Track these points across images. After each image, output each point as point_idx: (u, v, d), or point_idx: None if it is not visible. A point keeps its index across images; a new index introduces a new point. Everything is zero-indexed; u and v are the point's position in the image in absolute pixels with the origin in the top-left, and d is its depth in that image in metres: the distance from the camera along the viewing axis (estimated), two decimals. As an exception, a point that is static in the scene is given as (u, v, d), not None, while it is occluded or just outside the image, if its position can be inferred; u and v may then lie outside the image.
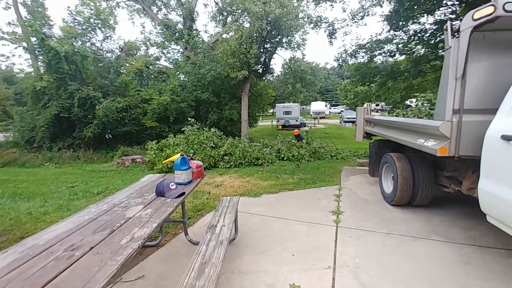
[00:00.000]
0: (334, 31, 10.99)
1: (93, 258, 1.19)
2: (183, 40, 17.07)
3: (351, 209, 3.74)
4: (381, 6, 9.90)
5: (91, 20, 15.89)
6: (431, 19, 9.05)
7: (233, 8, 16.47)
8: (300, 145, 8.58)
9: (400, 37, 9.84)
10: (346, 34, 11.16)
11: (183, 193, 2.14)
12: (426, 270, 2.28)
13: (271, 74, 18.90)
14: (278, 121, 24.54)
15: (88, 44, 16.18)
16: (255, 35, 12.44)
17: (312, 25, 12.93)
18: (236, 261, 2.49)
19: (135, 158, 9.59)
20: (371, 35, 10.34)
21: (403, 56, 10.49)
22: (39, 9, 16.08)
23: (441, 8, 8.69)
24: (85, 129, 12.84)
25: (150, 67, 18.35)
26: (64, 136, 13.33)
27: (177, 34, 17.35)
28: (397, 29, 9.36)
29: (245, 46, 12.37)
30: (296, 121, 23.49)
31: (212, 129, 8.55)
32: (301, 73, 16.49)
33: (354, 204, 3.92)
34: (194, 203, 4.04)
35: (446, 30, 2.46)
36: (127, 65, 17.23)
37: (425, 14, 8.89)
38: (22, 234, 3.14)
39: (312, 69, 24.53)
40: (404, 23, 9.03)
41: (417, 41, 9.37)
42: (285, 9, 11.83)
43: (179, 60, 18.40)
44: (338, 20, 10.93)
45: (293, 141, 9.40)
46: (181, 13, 17.78)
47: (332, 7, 11.18)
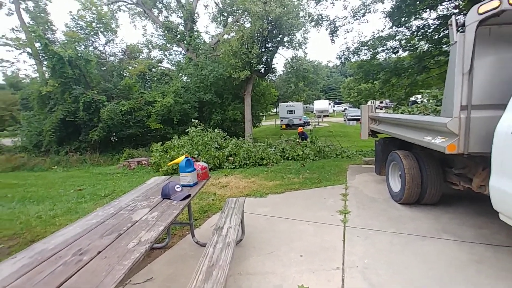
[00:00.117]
0: (336, 29, 10.91)
1: (101, 262, 1.19)
2: (185, 42, 17.14)
3: (358, 208, 3.70)
4: (383, 3, 9.80)
5: (93, 24, 16.07)
6: (433, 14, 8.94)
7: (233, 8, 16.48)
8: (305, 144, 8.55)
9: (403, 33, 9.73)
10: (348, 32, 11.06)
11: (189, 195, 2.14)
12: (436, 270, 2.24)
13: (274, 74, 18.88)
14: (281, 121, 24.49)
15: (91, 48, 16.37)
16: (256, 35, 12.43)
17: (313, 23, 12.86)
18: (243, 262, 2.48)
19: (141, 160, 9.65)
20: (373, 32, 10.26)
21: (406, 53, 10.38)
22: (41, 14, 16.30)
23: (444, 3, 8.56)
24: (90, 132, 12.97)
25: (153, 69, 18.48)
26: (70, 140, 13.50)
27: (179, 36, 17.43)
28: (399, 25, 9.26)
29: (246, 46, 12.37)
30: (300, 120, 23.42)
31: (216, 130, 8.56)
32: (303, 72, 16.45)
33: (361, 203, 3.88)
34: (200, 205, 4.04)
35: (451, 25, 2.41)
36: (130, 68, 17.38)
37: (427, 10, 8.78)
38: (32, 238, 3.18)
39: (315, 67, 24.46)
40: (406, 19, 8.93)
41: (420, 37, 9.25)
42: (285, 8, 11.79)
43: (181, 61, 18.49)
44: (339, 18, 10.85)
45: (297, 140, 9.37)
46: (181, 15, 17.85)
47: (333, 5, 11.10)
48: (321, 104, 37.59)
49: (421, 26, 8.88)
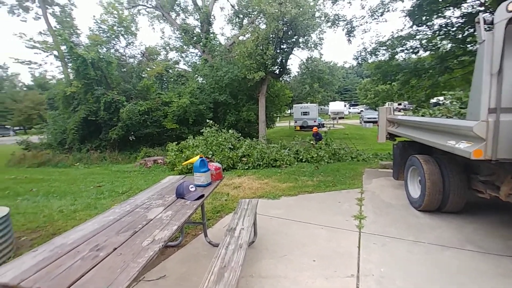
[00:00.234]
0: (353, 29, 10.69)
1: (116, 259, 1.21)
2: (201, 43, 17.43)
3: (374, 213, 3.58)
4: (402, 1, 9.52)
5: (115, 27, 16.69)
6: (457, 13, 8.54)
7: (249, 10, 16.57)
8: (319, 146, 8.41)
9: (424, 32, 9.36)
10: (365, 32, 10.80)
11: (202, 195, 2.15)
12: (458, 283, 2.12)
13: (288, 75, 18.74)
14: (296, 122, 24.28)
15: (112, 50, 17.02)
16: (271, 36, 12.41)
17: (329, 23, 12.69)
18: (256, 264, 2.46)
19: (157, 159, 9.89)
20: (392, 32, 9.93)
21: (427, 53, 9.97)
22: (67, 19, 17.16)
23: (468, 0, 8.16)
24: (110, 131, 13.46)
25: (170, 70, 18.93)
26: (91, 138, 14.08)
27: (195, 38, 17.75)
28: (420, 24, 8.92)
29: (261, 47, 12.38)
30: (314, 121, 23.11)
31: (230, 130, 8.62)
32: (318, 73, 16.23)
33: (377, 209, 3.75)
34: (213, 205, 4.07)
35: (478, 23, 2.28)
36: (148, 69, 17.90)
37: (450, 7, 8.39)
38: (54, 231, 3.33)
39: (330, 68, 24.03)
40: (428, 17, 8.59)
41: (443, 36, 8.86)
42: (301, 8, 11.69)
43: (197, 63, 18.81)
44: (356, 18, 10.63)
45: (311, 142, 9.24)
46: (198, 17, 18.18)
47: (350, 5, 11.00)
48: (336, 106, 36.92)
49: (443, 25, 8.50)
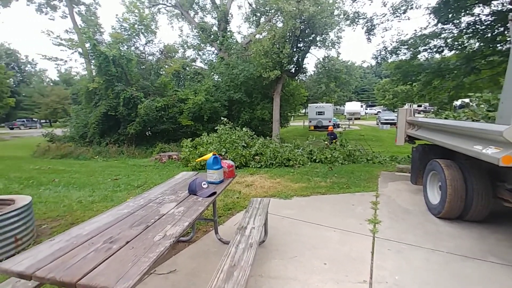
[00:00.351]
0: (373, 27, 10.35)
1: (128, 252, 1.23)
2: (218, 41, 17.57)
3: (390, 218, 3.46)
4: (427, -2, 9.07)
5: (136, 26, 17.17)
6: (486, 10, 8.04)
7: (266, 8, 16.47)
8: (334, 147, 8.25)
9: (449, 30, 8.90)
10: (386, 30, 10.43)
11: (214, 193, 2.16)
12: (481, 296, 2.00)
13: (304, 74, 18.51)
14: (310, 122, 23.95)
15: (132, 48, 17.53)
16: (288, 34, 12.27)
17: (348, 22, 12.36)
18: (265, 264, 2.44)
19: (171, 154, 10.09)
20: (415, 30, 9.51)
21: (452, 52, 9.48)
22: (92, 17, 17.84)
23: None
24: (128, 126, 13.90)
25: (187, 68, 19.24)
26: (111, 132, 14.61)
27: (212, 36, 17.92)
28: (446, 22, 8.49)
29: (278, 46, 12.27)
30: (329, 121, 22.69)
31: (244, 128, 8.63)
32: (335, 72, 15.90)
33: (393, 214, 3.62)
34: (224, 202, 4.09)
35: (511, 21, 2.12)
36: (166, 67, 18.28)
37: (480, 4, 7.92)
38: (72, 220, 3.47)
39: (347, 68, 23.49)
40: (454, 15, 8.15)
41: (471, 35, 8.38)
42: (319, 6, 11.47)
43: (214, 61, 18.99)
44: (377, 15, 10.28)
45: (325, 142, 9.09)
46: (216, 15, 18.33)
47: (371, 2, 10.55)
48: (352, 106, 36.09)
49: (471, 23, 8.04)
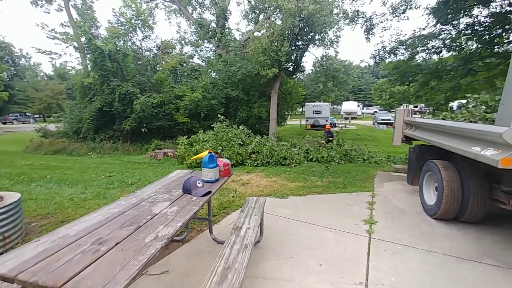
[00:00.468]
0: (372, 26, 10.31)
1: (117, 255, 1.18)
2: (216, 38, 17.40)
3: (386, 219, 3.44)
4: (427, -3, 9.06)
5: (132, 20, 16.91)
6: (485, 12, 8.06)
7: (265, 5, 16.33)
8: (331, 146, 8.24)
9: (448, 31, 8.91)
10: (385, 30, 10.38)
11: (209, 192, 2.11)
12: (477, 299, 1.98)
13: (302, 73, 18.44)
14: (307, 121, 23.94)
15: (129, 43, 17.27)
16: (287, 32, 12.19)
17: (347, 20, 12.31)
18: (260, 265, 2.40)
19: (167, 152, 9.99)
20: (414, 30, 9.50)
21: (450, 53, 9.51)
22: (88, 11, 17.52)
23: (497, 0, 7.70)
24: (123, 122, 13.72)
25: (184, 64, 19.03)
26: (105, 128, 14.41)
27: (210, 32, 17.73)
28: (445, 23, 8.49)
29: (276, 43, 12.19)
30: (326, 120, 22.72)
31: (240, 126, 8.57)
32: (333, 72, 15.88)
33: (389, 214, 3.60)
34: (220, 201, 4.03)
35: None
36: (163, 63, 18.07)
37: (479, 6, 7.93)
38: (63, 218, 3.39)
39: (345, 67, 23.49)
40: (453, 15, 8.16)
41: (469, 36, 8.40)
42: (319, 4, 11.40)
43: (211, 58, 18.82)
44: (376, 15, 10.23)
45: (322, 141, 9.07)
46: (214, 12, 18.13)
47: (371, 1, 10.51)
48: (349, 106, 36.19)
49: (470, 24, 8.05)
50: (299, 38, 13.20)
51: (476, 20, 8.00)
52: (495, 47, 8.09)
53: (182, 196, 2.03)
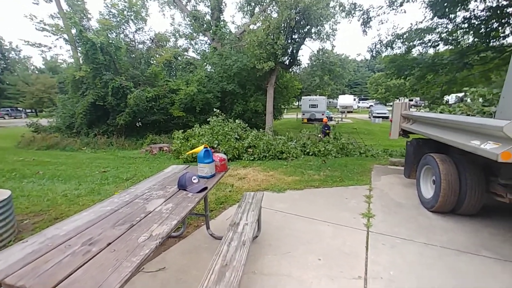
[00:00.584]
0: (369, 19, 10.20)
1: (109, 256, 1.12)
2: (211, 31, 17.08)
3: (383, 212, 3.44)
4: (425, -10, 8.95)
5: (125, 12, 16.47)
6: (481, 6, 8.01)
7: (261, -3, 16.05)
8: (327, 140, 8.23)
9: (445, 25, 8.85)
10: (382, 23, 10.28)
11: (205, 188, 2.05)
12: (475, 292, 1.99)
13: (298, 66, 18.29)
14: (303, 114, 23.91)
15: (121, 35, 16.85)
16: (283, 25, 12.01)
17: (344, 13, 12.19)
18: (259, 260, 2.37)
19: (162, 146, 9.88)
20: (411, 24, 9.42)
21: (447, 47, 9.48)
22: (78, 2, 16.98)
23: None
24: (117, 117, 13.49)
25: (179, 58, 18.71)
26: (99, 123, 14.16)
27: (205, 25, 17.40)
28: (442, 16, 8.43)
29: (272, 36, 12.02)
30: (322, 114, 22.71)
31: (236, 120, 8.49)
32: (329, 65, 15.78)
33: (386, 207, 3.60)
34: (216, 195, 3.99)
35: None
36: (157, 56, 17.72)
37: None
38: (56, 215, 3.31)
39: (342, 61, 23.39)
40: (451, 8, 8.10)
41: (466, 30, 8.37)
42: (316, -3, 11.22)
43: (206, 51, 18.51)
44: (373, 8, 10.12)
45: (319, 135, 9.06)
46: (209, 4, 17.75)
47: (369, -7, 10.35)
48: (345, 100, 36.23)
49: (467, 18, 8.00)
50: (295, 31, 13.03)
51: (472, 14, 7.96)
52: (491, 41, 8.08)
53: (177, 193, 1.97)
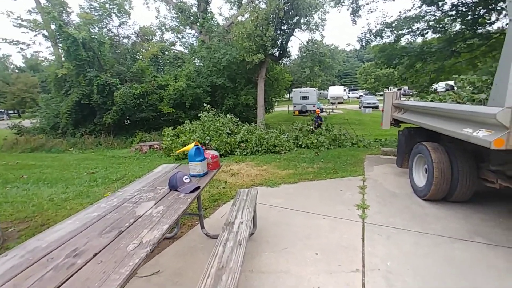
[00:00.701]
0: (358, 8, 10.14)
1: (95, 268, 1.04)
2: (198, 24, 16.66)
3: (378, 203, 3.46)
4: (413, -22, 8.92)
5: (107, 5, 15.83)
6: None
7: (248, -13, 15.69)
8: (320, 132, 8.23)
9: (432, 12, 8.88)
10: (371, 12, 10.25)
11: (198, 187, 1.97)
12: (471, 279, 2.01)
13: (288, 58, 18.14)
14: (294, 107, 23.88)
15: (104, 30, 16.22)
16: (271, 16, 11.81)
17: (333, 2, 12.05)
18: (256, 258, 2.33)
19: (153, 144, 9.68)
20: (400, 12, 9.42)
21: (435, 35, 9.54)
22: (56, -5, 16.16)
23: None
24: (105, 115, 13.11)
25: (166, 52, 18.23)
26: (86, 122, 13.74)
27: (192, 17, 16.94)
28: (430, 4, 8.44)
29: (261, 28, 11.81)
30: (314, 106, 22.74)
31: (228, 115, 8.36)
32: (319, 56, 15.69)
33: (381, 198, 3.62)
34: (210, 193, 3.92)
35: None
36: (143, 51, 17.21)
37: None
38: (43, 221, 3.17)
39: (331, 51, 23.33)
40: (439, -4, 8.11)
41: (454, 17, 8.41)
42: (304, -14, 11.05)
43: (194, 44, 18.09)
44: (362, -4, 10.04)
45: (311, 127, 9.05)
46: (195, -5, 17.25)
47: (357, -19, 10.24)
48: (335, 90, 36.36)
49: (455, 5, 8.03)
50: (284, 22, 12.85)
51: (460, 0, 7.99)
52: (478, 28, 8.16)
53: (169, 194, 1.89)
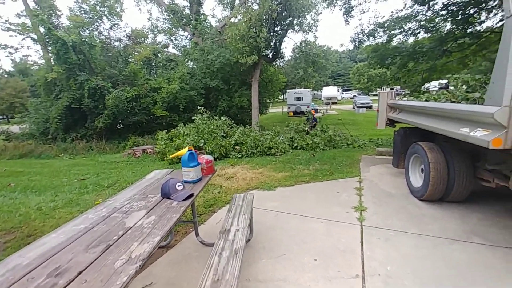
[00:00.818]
0: (351, 8, 10.21)
1: (79, 289, 0.96)
2: (191, 25, 16.54)
3: (374, 204, 3.43)
4: (404, -22, 9.02)
5: (97, 7, 15.60)
6: None
7: (241, -11, 15.66)
8: (315, 133, 8.22)
9: (423, 12, 8.99)
10: (364, 12, 10.35)
11: (192, 195, 1.90)
12: (471, 281, 1.98)
13: (282, 59, 18.16)
14: (289, 108, 23.91)
15: (95, 33, 15.96)
16: (264, 17, 11.79)
17: (326, 3, 12.11)
18: (252, 266, 2.26)
19: (146, 148, 9.51)
20: (391, 12, 9.51)
21: (426, 34, 9.66)
22: (45, -2, 15.86)
23: None
24: (96, 119, 12.86)
25: (158, 55, 18.03)
26: (77, 127, 13.45)
27: (184, 19, 16.82)
28: (422, 3, 8.54)
29: (254, 29, 11.78)
30: (308, 107, 22.79)
31: (222, 117, 8.27)
32: (313, 57, 15.75)
33: (377, 199, 3.60)
34: (205, 198, 3.83)
35: None
36: (135, 53, 16.99)
37: None
38: (30, 232, 3.04)
39: (324, 52, 23.47)
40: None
41: (445, 17, 8.52)
42: (296, -13, 11.08)
43: (187, 46, 17.96)
44: (355, -4, 10.12)
45: (306, 128, 9.04)
46: (187, -4, 17.13)
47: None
48: (329, 91, 36.58)
49: (446, 4, 8.13)
50: (277, 23, 12.85)
51: (450, 0, 8.09)
52: (469, 27, 8.28)
53: (161, 202, 1.81)
